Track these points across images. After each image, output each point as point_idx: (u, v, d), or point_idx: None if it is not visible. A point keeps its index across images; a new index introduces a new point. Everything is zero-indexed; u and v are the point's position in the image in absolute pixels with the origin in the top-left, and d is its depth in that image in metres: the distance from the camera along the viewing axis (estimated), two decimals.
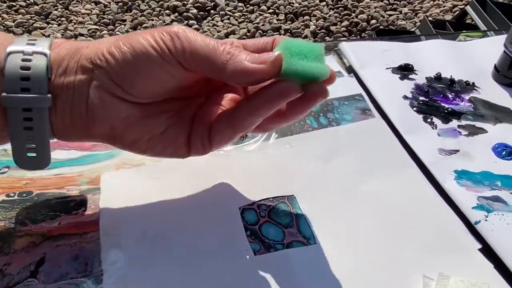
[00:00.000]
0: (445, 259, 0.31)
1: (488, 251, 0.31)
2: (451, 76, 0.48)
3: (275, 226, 0.33)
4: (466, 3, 2.00)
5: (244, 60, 0.27)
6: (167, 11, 2.04)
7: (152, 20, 1.97)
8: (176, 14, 2.02)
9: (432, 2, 2.31)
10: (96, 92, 0.27)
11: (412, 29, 1.93)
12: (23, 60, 0.27)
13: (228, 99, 0.32)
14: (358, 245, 0.32)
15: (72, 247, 0.30)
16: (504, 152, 0.39)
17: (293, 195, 0.35)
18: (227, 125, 0.29)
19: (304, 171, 0.37)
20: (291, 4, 2.14)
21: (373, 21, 2.05)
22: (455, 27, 1.30)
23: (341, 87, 0.46)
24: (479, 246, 0.32)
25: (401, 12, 2.21)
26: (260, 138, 0.40)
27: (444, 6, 2.23)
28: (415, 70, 0.49)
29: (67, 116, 0.28)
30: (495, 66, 0.50)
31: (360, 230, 0.33)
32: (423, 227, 0.33)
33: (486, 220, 0.33)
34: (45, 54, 0.27)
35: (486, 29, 1.16)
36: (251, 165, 0.37)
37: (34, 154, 0.28)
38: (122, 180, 0.35)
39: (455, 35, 0.59)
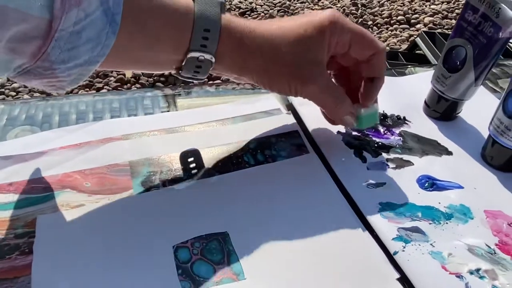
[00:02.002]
0: None
1: (405, 280, 0.34)
2: (383, 111, 0.52)
3: (206, 264, 0.34)
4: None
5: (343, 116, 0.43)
6: None
7: None
8: None
9: (390, 32, 2.41)
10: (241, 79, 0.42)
11: None
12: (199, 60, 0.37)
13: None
14: (285, 280, 0.34)
15: None
16: (426, 184, 0.42)
17: (226, 231, 0.37)
18: None
19: (238, 208, 0.39)
20: None
21: None
22: (407, 57, 1.37)
23: (279, 124, 0.48)
24: (398, 275, 0.34)
25: None
26: (196, 177, 0.41)
27: (401, 36, 2.33)
28: None
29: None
30: (425, 101, 0.53)
31: (288, 265, 0.35)
32: (348, 259, 0.35)
33: (403, 251, 0.35)
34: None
35: (434, 59, 1.22)
36: (186, 203, 0.39)
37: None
38: (58, 223, 0.36)
39: (406, 67, 0.64)
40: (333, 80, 0.45)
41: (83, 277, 0.33)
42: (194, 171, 0.42)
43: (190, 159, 0.43)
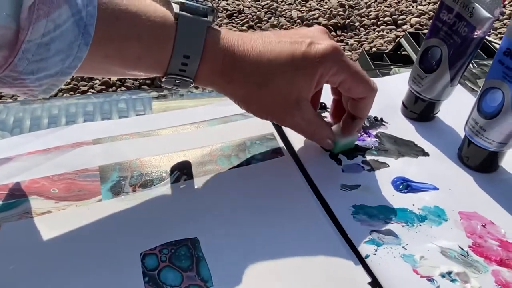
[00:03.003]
0: None
1: (377, 284, 0.33)
2: None
3: (174, 271, 0.33)
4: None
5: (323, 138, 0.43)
6: None
7: None
8: None
9: (376, 33, 2.42)
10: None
11: (355, 60, 2.01)
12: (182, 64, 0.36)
13: None
14: (254, 286, 0.33)
15: None
16: (401, 186, 0.42)
17: (196, 237, 0.36)
18: None
19: (210, 212, 0.38)
20: None
21: None
22: (392, 58, 1.37)
23: (255, 127, 0.48)
24: (369, 279, 0.33)
25: (347, 44, 2.31)
26: (168, 182, 0.41)
27: (388, 37, 2.34)
28: (328, 108, 0.52)
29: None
30: (402, 102, 0.53)
31: (257, 271, 0.34)
32: (320, 263, 0.35)
33: (375, 254, 0.34)
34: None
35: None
36: (156, 208, 0.38)
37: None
38: (23, 231, 0.35)
39: (390, 67, 0.64)
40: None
41: (47, 286, 0.32)
42: (165, 176, 0.41)
43: (162, 163, 0.42)
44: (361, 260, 0.35)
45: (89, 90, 1.79)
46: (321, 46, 0.37)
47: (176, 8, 0.35)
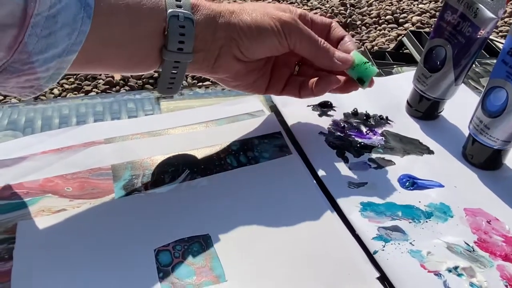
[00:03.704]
0: None
1: (385, 279, 0.34)
2: (366, 111, 0.52)
3: (187, 266, 0.34)
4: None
5: (335, 59, 0.42)
6: None
7: None
8: None
9: (378, 32, 2.42)
10: (224, 55, 0.40)
11: None
12: (180, 26, 0.37)
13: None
14: (266, 282, 0.34)
15: None
16: (407, 183, 0.42)
17: (208, 234, 0.37)
18: (296, 86, 0.45)
19: (220, 210, 0.39)
20: None
21: None
22: (394, 57, 1.38)
23: (262, 126, 0.49)
24: (377, 274, 0.34)
25: None
26: (179, 180, 0.41)
27: (389, 36, 2.35)
28: (334, 107, 0.52)
29: (198, 65, 0.40)
30: (407, 101, 0.54)
31: (269, 268, 0.35)
32: (329, 259, 0.35)
33: (383, 250, 0.35)
34: (192, 21, 0.37)
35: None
36: (168, 206, 0.39)
37: (171, 87, 0.40)
38: (39, 228, 0.36)
39: (392, 66, 0.64)
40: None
41: (63, 283, 0.32)
42: (176, 174, 0.42)
43: (173, 162, 0.43)
44: (369, 256, 0.36)
45: (93, 90, 1.80)
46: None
47: None
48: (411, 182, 0.43)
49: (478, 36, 0.45)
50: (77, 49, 0.33)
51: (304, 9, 2.57)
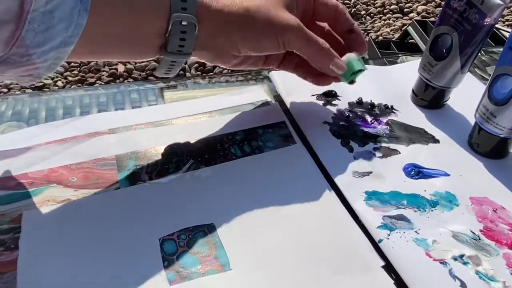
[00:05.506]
0: (352, 277, 0.33)
1: (390, 268, 0.34)
2: (371, 100, 0.52)
3: (192, 255, 0.34)
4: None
5: (332, 65, 0.43)
6: None
7: None
8: None
9: (383, 22, 2.40)
10: (224, 54, 0.42)
11: None
12: (181, 32, 0.37)
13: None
14: (270, 270, 0.34)
15: None
16: (412, 172, 0.42)
17: (212, 223, 0.37)
18: (291, 66, 0.48)
19: (225, 199, 0.39)
20: None
21: None
22: (399, 47, 1.37)
23: (266, 115, 0.48)
24: (382, 263, 0.34)
25: None
26: (183, 169, 0.41)
27: (394, 26, 2.33)
28: (339, 96, 0.52)
29: (197, 58, 0.42)
30: (412, 90, 0.53)
31: (274, 256, 0.35)
32: (334, 248, 0.35)
33: (388, 239, 0.35)
34: (195, 26, 0.38)
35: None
36: (173, 196, 0.39)
37: (169, 72, 0.42)
38: (44, 218, 0.36)
39: (397, 56, 0.64)
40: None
41: (69, 272, 0.33)
42: (180, 164, 0.42)
43: (177, 152, 0.43)
44: (374, 245, 0.35)
45: (97, 82, 1.80)
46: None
47: None
48: (416, 171, 0.42)
49: (485, 23, 0.44)
50: (75, 41, 0.33)
51: None
